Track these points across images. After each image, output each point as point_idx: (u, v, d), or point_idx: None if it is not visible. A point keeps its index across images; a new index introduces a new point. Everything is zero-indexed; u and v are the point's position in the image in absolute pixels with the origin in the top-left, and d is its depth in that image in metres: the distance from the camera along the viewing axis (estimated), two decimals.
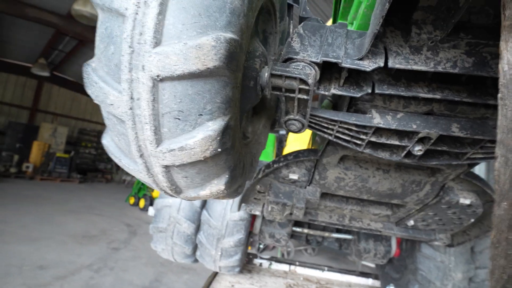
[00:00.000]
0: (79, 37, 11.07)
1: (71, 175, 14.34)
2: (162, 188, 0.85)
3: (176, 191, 0.86)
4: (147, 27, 0.61)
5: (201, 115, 0.68)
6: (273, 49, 1.25)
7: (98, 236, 4.48)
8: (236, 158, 0.89)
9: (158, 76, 0.63)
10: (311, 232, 3.15)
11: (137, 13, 0.61)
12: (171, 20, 0.62)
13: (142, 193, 10.51)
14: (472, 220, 1.86)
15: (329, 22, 2.24)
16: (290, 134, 4.01)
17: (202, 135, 0.69)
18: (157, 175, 0.79)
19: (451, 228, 2.07)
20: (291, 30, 1.43)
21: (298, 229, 3.10)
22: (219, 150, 0.73)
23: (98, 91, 0.70)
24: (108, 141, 0.84)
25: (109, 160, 17.13)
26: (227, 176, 0.85)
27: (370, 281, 3.69)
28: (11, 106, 15.35)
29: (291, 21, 1.32)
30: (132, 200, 10.47)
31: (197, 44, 0.62)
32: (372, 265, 4.97)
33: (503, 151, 0.68)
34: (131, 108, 0.67)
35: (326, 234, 3.13)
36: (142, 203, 10.06)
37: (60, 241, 3.96)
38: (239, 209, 2.28)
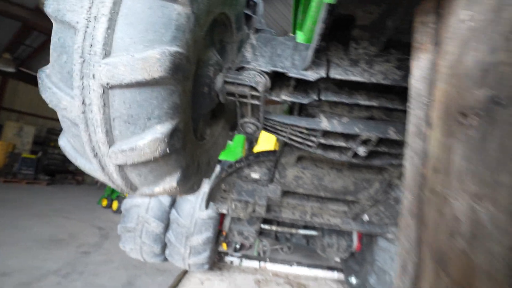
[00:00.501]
0: (48, 31, 10.57)
1: (38, 177, 13.62)
2: (118, 186, 0.92)
3: (131, 188, 0.92)
4: (97, 39, 0.68)
5: (149, 119, 0.75)
6: (231, 57, 1.34)
7: (66, 240, 4.33)
8: (188, 158, 0.97)
9: (107, 84, 0.69)
10: (279, 229, 3.27)
11: (87, 27, 0.68)
12: (120, 34, 0.69)
13: (115, 194, 10.20)
14: None
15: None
16: (261, 135, 4.12)
17: (150, 137, 0.76)
18: (111, 174, 0.86)
19: None
20: (250, 37, 1.53)
21: (266, 227, 3.21)
22: (168, 151, 0.81)
23: (52, 96, 0.75)
24: (64, 142, 0.89)
25: None
26: (179, 174, 0.93)
27: (335, 274, 3.88)
28: None
29: (250, 31, 1.41)
30: (104, 202, 10.14)
31: (143, 57, 0.69)
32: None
33: (410, 152, 0.82)
34: (83, 112, 0.73)
35: (293, 230, 3.27)
36: (115, 205, 9.76)
37: (24, 246, 3.80)
38: (206, 207, 2.35)
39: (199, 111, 1.10)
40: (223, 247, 3.36)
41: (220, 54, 1.25)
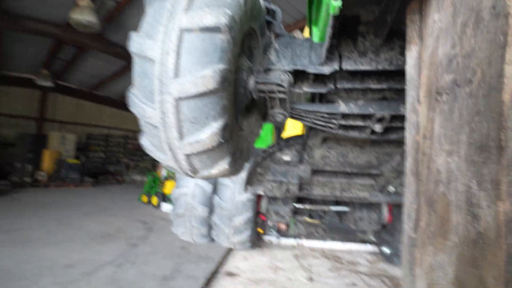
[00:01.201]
0: (78, 44, 11.35)
1: (83, 180, 14.87)
2: (184, 171, 1.22)
3: (194, 172, 1.23)
4: (169, 67, 0.97)
5: (207, 118, 1.04)
6: (258, 60, 1.59)
7: (115, 234, 4.85)
8: (234, 146, 1.25)
9: (179, 97, 0.99)
10: (312, 207, 3.53)
11: (162, 59, 0.97)
12: (184, 61, 0.97)
13: (154, 190, 10.89)
14: None
15: (306, 29, 2.55)
16: (288, 122, 4.35)
17: (209, 132, 1.05)
18: (181, 161, 1.16)
19: None
20: (272, 41, 1.78)
21: (300, 206, 3.48)
22: (221, 141, 1.09)
23: (139, 109, 1.06)
24: (145, 142, 1.21)
25: (118, 161, 17.58)
26: (229, 158, 1.21)
27: (369, 247, 4.09)
28: (19, 118, 15.83)
29: (271, 33, 1.65)
30: (145, 199, 10.85)
31: (201, 75, 0.97)
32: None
33: (408, 124, 1.03)
34: (162, 118, 1.04)
35: (325, 208, 3.51)
36: (154, 200, 10.44)
37: (81, 241, 4.34)
38: (245, 190, 2.66)
39: (238, 107, 1.38)
40: (256, 226, 3.68)
41: (249, 59, 1.51)
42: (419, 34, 0.95)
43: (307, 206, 3.53)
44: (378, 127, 1.59)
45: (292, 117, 1.64)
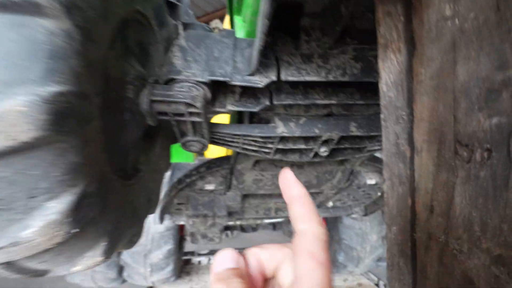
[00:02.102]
0: None
1: None
2: (16, 277, 0.65)
3: (38, 275, 0.67)
4: None
5: (33, 197, 0.50)
6: (157, 61, 1.07)
7: None
8: (115, 215, 0.73)
9: None
10: (244, 222, 3.16)
11: None
12: None
13: None
14: (379, 193, 2.07)
15: (227, 19, 2.09)
16: None
17: (41, 222, 0.51)
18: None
19: (363, 202, 2.28)
20: (180, 32, 1.25)
21: (231, 223, 3.07)
22: (76, 229, 0.57)
23: None
24: None
25: None
26: (105, 243, 0.69)
27: None
28: None
29: (179, 22, 1.14)
30: None
31: (3, 110, 0.43)
32: None
33: (388, 174, 0.68)
34: None
35: (258, 221, 3.19)
36: None
37: None
38: (161, 222, 2.10)
39: (124, 143, 0.85)
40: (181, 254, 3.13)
41: (141, 62, 0.98)
42: (405, 34, 0.59)
43: (238, 222, 3.15)
44: (323, 151, 1.25)
45: (214, 143, 1.18)
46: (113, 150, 0.78)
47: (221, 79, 0.86)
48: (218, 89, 1.02)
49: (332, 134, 1.16)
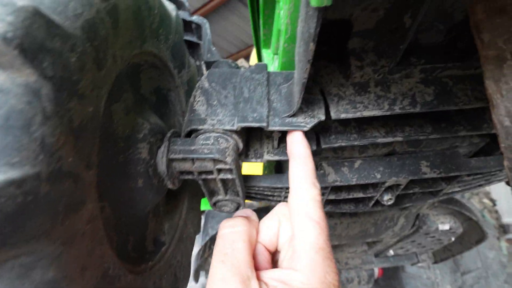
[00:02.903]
0: None
1: None
2: None
3: None
4: None
5: None
6: (179, 107, 0.92)
7: None
8: None
9: None
10: None
11: None
12: None
13: None
14: (453, 239, 1.68)
15: (253, 55, 1.98)
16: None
17: None
18: None
19: (431, 248, 1.89)
20: (203, 71, 1.11)
21: None
22: None
23: None
24: None
25: None
26: None
27: None
28: None
29: (199, 63, 1.00)
30: None
31: None
32: None
33: None
34: None
35: None
36: None
37: None
38: (196, 281, 1.87)
39: (138, 217, 0.67)
40: None
41: (159, 112, 0.83)
42: None
43: None
44: (387, 199, 0.99)
45: (250, 199, 0.97)
46: (122, 230, 0.60)
47: (255, 125, 0.67)
48: (252, 136, 0.84)
49: (399, 179, 0.90)
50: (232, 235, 0.46)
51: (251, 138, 0.84)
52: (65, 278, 0.36)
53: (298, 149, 0.58)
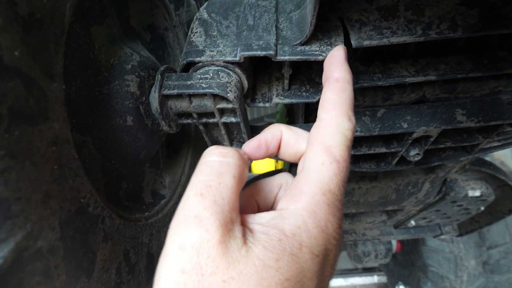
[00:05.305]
0: None
1: None
2: None
3: None
4: None
5: None
6: (178, 51, 0.82)
7: None
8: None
9: None
10: None
11: None
12: None
13: None
14: (482, 208, 1.55)
15: None
16: None
17: None
18: None
19: (457, 219, 1.76)
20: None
21: None
22: None
23: None
24: None
25: None
26: None
27: (375, 278, 3.39)
28: None
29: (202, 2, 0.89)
30: None
31: None
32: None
33: None
34: None
35: None
36: None
37: None
38: None
39: (131, 165, 0.60)
40: None
41: (155, 52, 0.74)
42: None
43: None
44: (414, 154, 0.87)
45: None
46: (111, 173, 0.53)
47: (260, 53, 0.57)
48: (259, 76, 0.73)
49: (430, 128, 0.78)
50: (221, 165, 0.35)
51: (258, 82, 0.74)
52: (18, 200, 0.29)
53: (337, 71, 0.44)
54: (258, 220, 0.33)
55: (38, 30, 0.32)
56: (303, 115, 0.85)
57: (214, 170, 0.35)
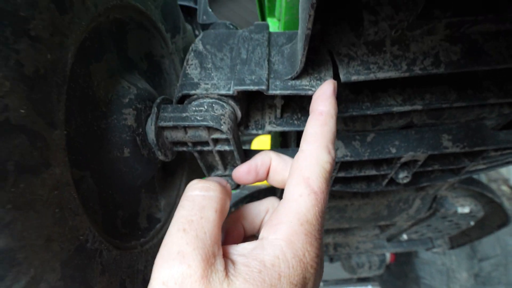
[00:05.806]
0: None
1: None
2: None
3: None
4: None
5: None
6: (174, 77, 0.85)
7: None
8: None
9: None
10: None
11: None
12: None
13: None
14: (472, 223, 1.58)
15: None
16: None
17: None
18: None
19: (448, 233, 1.79)
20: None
21: None
22: None
23: None
24: None
25: None
26: None
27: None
28: None
29: (195, 28, 0.92)
30: None
31: None
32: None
33: None
34: None
35: None
36: None
37: None
38: None
39: (126, 193, 0.61)
40: None
41: (152, 80, 0.76)
42: None
43: None
44: (403, 176, 0.90)
45: None
46: (109, 204, 0.54)
47: (253, 88, 0.59)
48: (252, 103, 0.76)
49: (417, 153, 0.81)
50: (203, 199, 0.36)
51: (252, 109, 0.76)
52: (23, 248, 0.31)
53: (322, 105, 0.46)
54: (240, 251, 0.34)
55: (41, 84, 0.34)
56: (295, 140, 0.88)
57: (196, 205, 0.36)
